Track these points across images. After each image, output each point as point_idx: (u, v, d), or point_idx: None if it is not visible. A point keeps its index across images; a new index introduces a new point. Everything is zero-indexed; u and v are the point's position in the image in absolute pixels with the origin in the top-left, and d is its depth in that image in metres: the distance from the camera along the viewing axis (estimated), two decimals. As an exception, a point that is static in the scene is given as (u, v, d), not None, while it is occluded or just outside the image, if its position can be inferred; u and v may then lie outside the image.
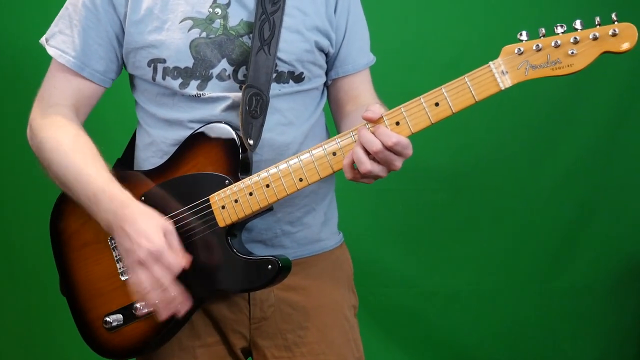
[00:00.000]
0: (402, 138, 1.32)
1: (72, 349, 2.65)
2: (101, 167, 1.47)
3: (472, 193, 3.02)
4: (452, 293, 3.05)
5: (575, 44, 1.24)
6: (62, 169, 1.48)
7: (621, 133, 3.01)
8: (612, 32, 1.22)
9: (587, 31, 1.24)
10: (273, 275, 1.44)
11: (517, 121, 2.96)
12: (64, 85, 1.56)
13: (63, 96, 1.56)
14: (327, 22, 1.60)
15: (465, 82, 1.30)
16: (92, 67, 1.55)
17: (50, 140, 1.50)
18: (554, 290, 3.06)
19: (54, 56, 1.56)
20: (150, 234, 1.36)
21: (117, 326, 1.52)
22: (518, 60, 1.28)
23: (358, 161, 1.33)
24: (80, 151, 1.49)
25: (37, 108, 1.57)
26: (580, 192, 3.03)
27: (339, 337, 1.64)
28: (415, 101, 1.33)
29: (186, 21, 1.50)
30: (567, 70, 1.24)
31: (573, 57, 1.24)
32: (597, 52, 1.23)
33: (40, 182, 1.57)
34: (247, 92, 1.47)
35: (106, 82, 1.59)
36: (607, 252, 3.05)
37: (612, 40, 1.22)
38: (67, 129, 1.51)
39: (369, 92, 1.72)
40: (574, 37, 1.24)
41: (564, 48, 1.24)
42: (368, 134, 1.33)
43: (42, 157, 1.53)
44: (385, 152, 1.32)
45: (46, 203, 1.65)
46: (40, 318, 2.85)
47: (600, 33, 1.22)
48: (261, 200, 1.43)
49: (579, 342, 3.08)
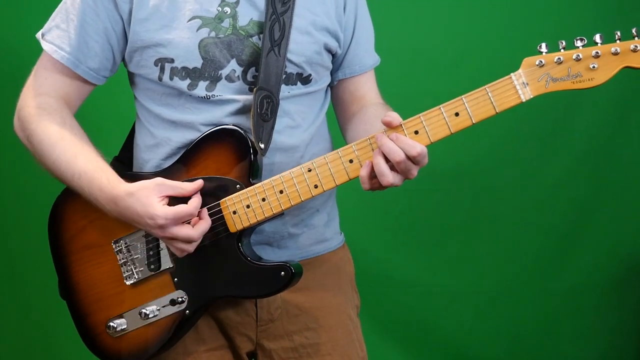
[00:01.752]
0: (424, 148, 1.31)
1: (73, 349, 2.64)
2: (90, 156, 1.45)
3: (472, 193, 3.02)
4: (452, 293, 3.06)
5: (597, 58, 1.25)
6: (52, 160, 1.46)
7: (621, 133, 3.01)
8: (634, 48, 1.23)
9: (608, 46, 1.25)
10: (285, 282, 1.44)
11: (517, 121, 2.95)
12: (55, 77, 1.53)
13: (53, 88, 1.53)
14: (336, 23, 1.59)
15: (487, 92, 1.30)
16: (86, 64, 1.52)
17: (39, 132, 1.48)
18: (554, 290, 3.07)
19: (48, 51, 1.53)
20: (148, 210, 1.36)
21: (121, 331, 1.52)
22: (539, 72, 1.28)
23: (380, 173, 1.32)
24: (69, 141, 1.46)
25: (26, 97, 1.53)
26: (580, 192, 3.04)
27: (344, 337, 1.65)
28: (434, 110, 1.32)
29: (195, 20, 1.47)
30: (587, 84, 1.25)
31: (594, 71, 1.25)
32: (617, 66, 1.25)
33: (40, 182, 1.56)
34: (258, 94, 1.46)
35: (99, 80, 1.56)
36: (607, 252, 3.06)
37: (634, 56, 1.23)
38: (54, 118, 1.49)
39: (375, 92, 1.72)
40: (595, 51, 1.24)
41: (586, 62, 1.25)
42: (389, 143, 1.32)
43: (33, 150, 1.51)
44: (407, 162, 1.31)
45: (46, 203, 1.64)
46: (40, 318, 2.84)
47: (622, 48, 1.24)
48: (275, 207, 1.42)
49: (579, 342, 3.09)
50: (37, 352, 2.87)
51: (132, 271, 1.51)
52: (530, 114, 2.96)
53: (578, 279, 3.07)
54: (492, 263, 3.06)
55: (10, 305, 2.85)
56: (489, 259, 3.06)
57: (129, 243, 1.51)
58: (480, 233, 3.05)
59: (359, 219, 2.91)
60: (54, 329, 2.81)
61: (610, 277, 3.08)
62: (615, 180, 3.04)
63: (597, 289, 3.08)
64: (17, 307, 2.85)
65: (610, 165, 3.04)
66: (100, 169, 1.43)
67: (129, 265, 1.51)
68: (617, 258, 3.08)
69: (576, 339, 3.09)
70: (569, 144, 3.02)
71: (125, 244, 1.51)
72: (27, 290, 2.83)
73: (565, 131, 3.01)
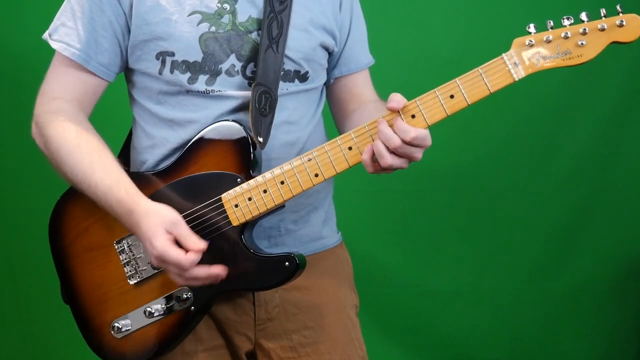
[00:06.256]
0: (420, 131, 1.33)
1: (73, 349, 2.65)
2: (107, 165, 1.46)
3: (472, 193, 3.03)
4: (452, 293, 3.05)
5: (584, 34, 1.27)
6: (69, 168, 1.47)
7: (621, 133, 3.02)
8: (619, 23, 1.26)
9: (594, 22, 1.27)
10: (290, 273, 1.44)
11: (517, 121, 2.97)
12: (67, 79, 1.54)
13: (66, 90, 1.53)
14: (332, 21, 1.61)
15: (480, 73, 1.32)
16: (97, 60, 1.53)
17: (56, 139, 1.49)
18: (554, 290, 3.07)
19: (58, 49, 1.53)
20: (152, 238, 1.37)
21: (126, 331, 1.51)
22: (530, 51, 1.31)
23: (379, 155, 1.34)
24: (85, 148, 1.47)
25: (40, 103, 1.54)
26: (580, 192, 3.04)
27: (343, 336, 1.65)
28: (430, 94, 1.35)
29: (195, 15, 1.49)
30: (577, 61, 1.28)
31: (583, 47, 1.27)
32: (605, 42, 1.27)
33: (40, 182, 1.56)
34: (256, 89, 1.47)
35: (110, 75, 1.56)
36: (607, 252, 3.06)
37: (620, 31, 1.26)
38: (70, 123, 1.49)
39: (371, 90, 1.74)
40: (582, 28, 1.27)
41: (574, 39, 1.28)
42: (386, 129, 1.34)
43: (50, 157, 1.51)
44: (405, 147, 1.33)
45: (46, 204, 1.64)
46: (40, 319, 2.84)
47: (608, 24, 1.26)
48: (276, 197, 1.43)
49: (579, 342, 3.08)
50: (37, 352, 2.87)
51: (136, 270, 1.51)
52: (530, 114, 2.98)
53: (578, 279, 3.07)
54: (492, 263, 3.06)
55: (10, 305, 2.85)
56: (489, 259, 3.06)
57: (132, 242, 1.51)
58: (480, 233, 3.05)
59: (360, 219, 2.92)
60: (54, 330, 2.81)
61: (610, 278, 3.08)
62: (615, 181, 3.05)
63: (597, 289, 3.08)
64: (17, 307, 2.85)
65: (610, 166, 3.04)
66: (118, 180, 1.44)
67: (132, 264, 1.52)
68: (617, 258, 3.07)
69: (576, 339, 3.08)
70: (569, 144, 3.03)
71: (127, 243, 1.52)
72: (27, 291, 2.83)
73: (565, 131, 3.02)
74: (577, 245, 3.07)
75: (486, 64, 1.33)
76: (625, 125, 3.02)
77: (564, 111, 2.99)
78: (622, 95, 2.98)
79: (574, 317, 3.09)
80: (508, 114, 2.93)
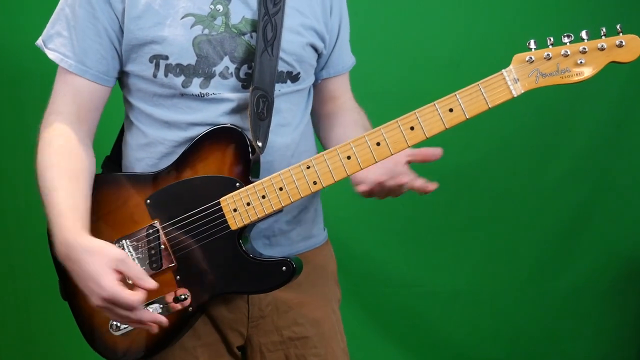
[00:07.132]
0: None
1: (73, 349, 2.65)
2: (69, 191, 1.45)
3: (472, 193, 3.03)
4: (452, 293, 3.06)
5: (584, 53, 1.28)
6: (40, 184, 1.47)
7: (621, 134, 3.02)
8: (619, 43, 1.27)
9: (594, 42, 1.28)
10: (287, 277, 1.46)
11: (517, 121, 2.96)
12: (67, 90, 1.53)
13: (64, 103, 1.53)
14: (322, 25, 1.62)
15: (479, 89, 1.34)
16: (94, 68, 1.52)
17: (40, 156, 1.49)
18: (554, 290, 3.07)
19: (55, 60, 1.53)
20: (97, 278, 1.34)
21: (125, 329, 1.51)
22: (529, 68, 1.32)
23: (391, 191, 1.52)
24: (58, 168, 1.46)
25: (44, 117, 1.54)
26: (580, 192, 3.04)
27: (329, 330, 1.69)
28: (429, 107, 1.36)
29: (188, 17, 1.48)
30: (576, 79, 1.30)
31: (582, 66, 1.29)
32: (604, 61, 1.28)
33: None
34: (254, 93, 1.47)
35: (110, 81, 1.55)
36: (607, 252, 3.06)
37: (619, 51, 1.27)
38: (56, 142, 1.49)
39: (349, 94, 1.79)
40: (582, 47, 1.28)
41: (573, 58, 1.29)
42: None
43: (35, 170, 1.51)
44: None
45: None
46: (40, 318, 2.85)
47: (607, 44, 1.27)
48: (275, 204, 1.44)
49: (579, 342, 3.09)
50: (37, 352, 2.88)
51: None
52: (530, 114, 2.97)
53: (578, 279, 3.07)
54: (492, 263, 3.06)
55: (10, 305, 2.85)
56: (489, 259, 3.06)
57: (130, 243, 1.51)
58: (480, 233, 3.05)
59: (359, 219, 2.92)
60: (54, 330, 2.81)
61: (610, 278, 3.08)
62: (615, 181, 3.05)
63: (597, 289, 3.08)
64: (17, 307, 2.86)
65: (610, 166, 3.04)
66: (75, 207, 1.43)
67: None
68: (617, 258, 3.08)
69: (576, 339, 3.09)
70: (569, 145, 3.03)
71: (126, 244, 1.52)
72: (27, 290, 2.84)
73: (565, 132, 3.02)
74: (577, 245, 3.07)
75: (486, 79, 1.34)
76: (625, 125, 3.01)
77: (564, 111, 2.99)
78: (622, 95, 2.98)
79: (574, 317, 3.09)
80: (508, 114, 2.91)
